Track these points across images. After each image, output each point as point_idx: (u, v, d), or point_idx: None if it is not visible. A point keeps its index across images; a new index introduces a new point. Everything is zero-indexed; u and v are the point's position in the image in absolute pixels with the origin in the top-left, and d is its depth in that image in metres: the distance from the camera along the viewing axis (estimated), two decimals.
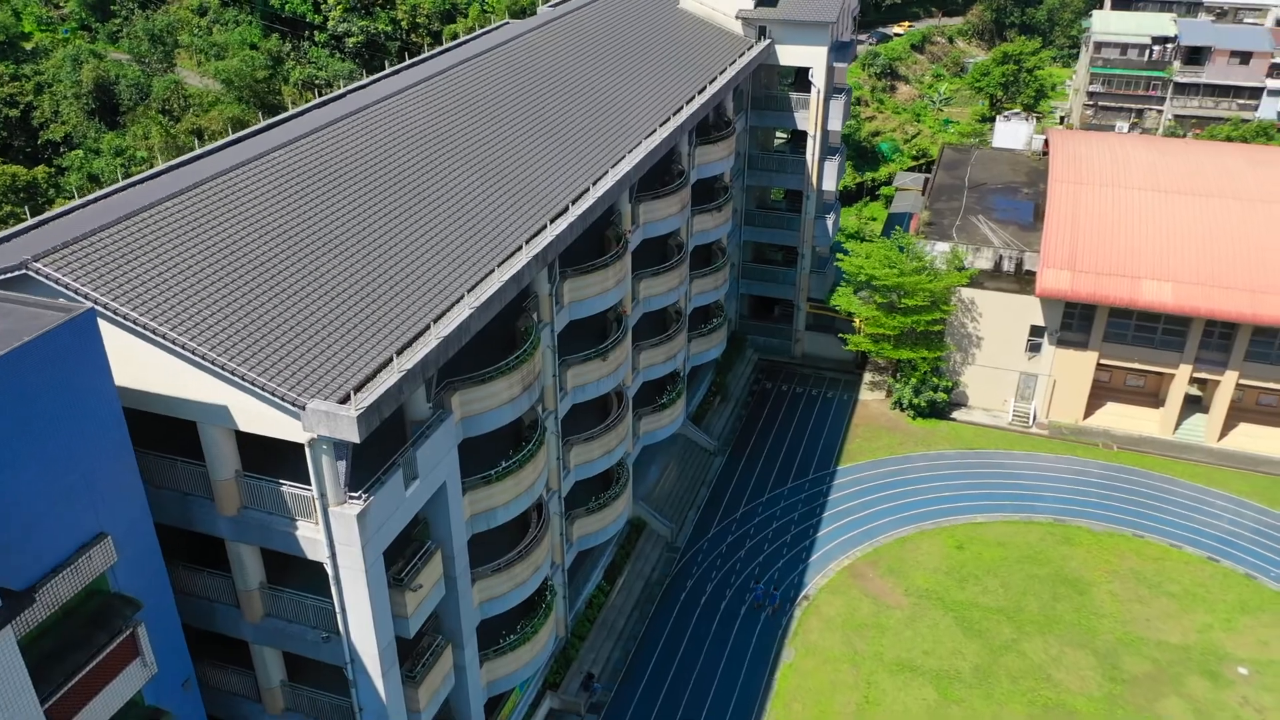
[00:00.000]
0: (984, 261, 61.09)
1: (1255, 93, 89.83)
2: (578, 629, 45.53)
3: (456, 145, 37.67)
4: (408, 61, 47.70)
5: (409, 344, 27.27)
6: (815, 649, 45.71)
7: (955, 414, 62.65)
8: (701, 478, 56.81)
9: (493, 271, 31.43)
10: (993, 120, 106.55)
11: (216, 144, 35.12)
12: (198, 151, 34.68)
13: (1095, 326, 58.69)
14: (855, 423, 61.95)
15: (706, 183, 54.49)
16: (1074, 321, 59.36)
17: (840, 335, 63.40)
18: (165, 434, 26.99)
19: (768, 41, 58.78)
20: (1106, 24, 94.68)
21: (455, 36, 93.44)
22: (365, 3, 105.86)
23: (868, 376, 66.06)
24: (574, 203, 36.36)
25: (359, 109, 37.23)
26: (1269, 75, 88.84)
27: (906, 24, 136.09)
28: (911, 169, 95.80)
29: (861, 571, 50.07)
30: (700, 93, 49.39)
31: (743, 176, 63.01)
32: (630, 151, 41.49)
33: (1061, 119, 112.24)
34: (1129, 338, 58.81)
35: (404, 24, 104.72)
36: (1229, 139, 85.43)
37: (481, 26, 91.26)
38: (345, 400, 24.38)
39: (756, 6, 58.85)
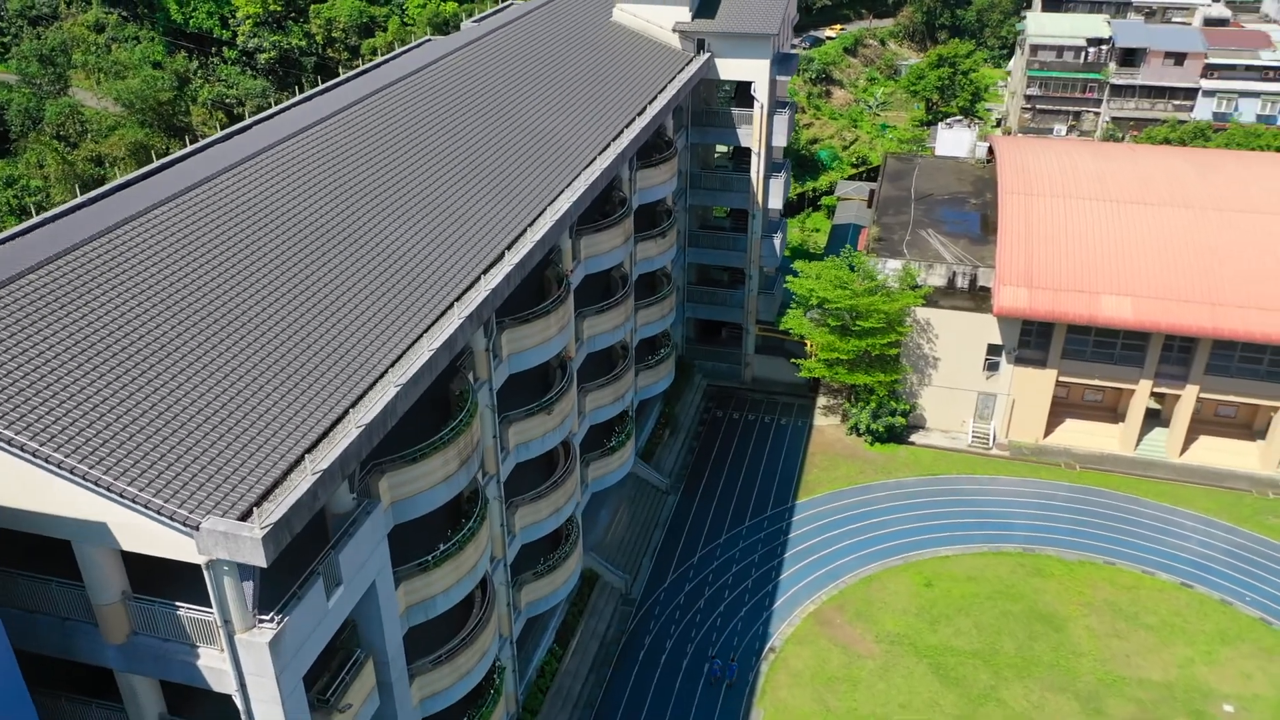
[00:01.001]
0: (937, 278, 58.87)
1: (1190, 93, 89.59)
2: (529, 701, 41.89)
3: (377, 185, 33.84)
4: (322, 86, 43.67)
5: (324, 435, 23.50)
6: (786, 709, 42.71)
7: (914, 437, 60.35)
8: (655, 519, 53.55)
9: (420, 337, 27.73)
10: (930, 124, 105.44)
11: (95, 192, 30.73)
12: (78, 200, 30.22)
13: (1054, 344, 56.82)
14: (812, 451, 59.25)
15: (649, 208, 51.25)
16: (1032, 339, 57.43)
17: (793, 360, 60.68)
18: (39, 547, 22.84)
19: (707, 55, 55.76)
20: (1041, 26, 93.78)
21: (375, 51, 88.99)
22: (277, 16, 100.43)
23: (822, 400, 63.48)
24: (509, 248, 32.82)
25: (266, 148, 33.15)
26: (1203, 76, 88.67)
27: (838, 27, 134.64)
28: (852, 177, 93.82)
29: (829, 618, 47.26)
30: (640, 114, 46.12)
31: (685, 197, 59.93)
32: (569, 186, 38.04)
33: (999, 122, 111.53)
34: (1088, 354, 57.07)
35: (319, 38, 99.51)
36: (1167, 141, 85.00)
37: (401, 41, 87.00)
38: (247, 515, 20.54)
39: (694, 19, 55.79)
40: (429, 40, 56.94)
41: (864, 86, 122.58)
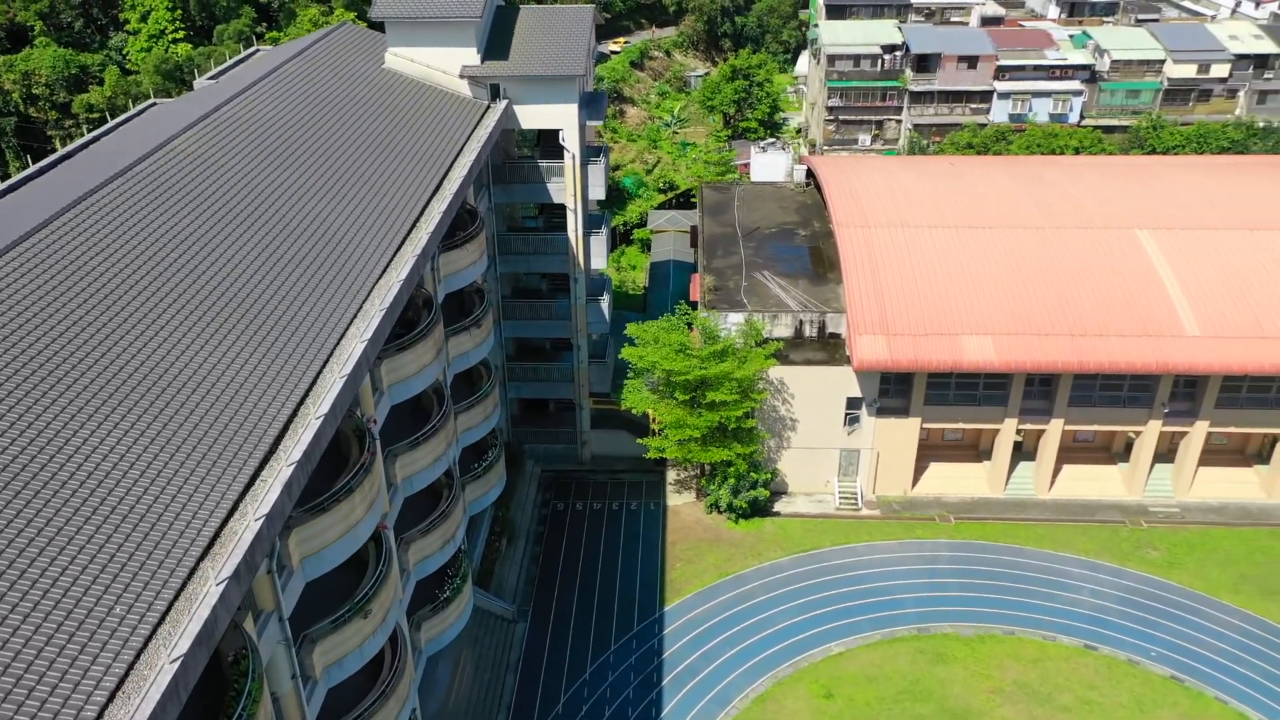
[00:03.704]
0: (783, 329, 53.24)
1: (985, 96, 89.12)
2: None
3: (78, 351, 23.70)
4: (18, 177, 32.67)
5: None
6: None
7: (778, 506, 54.56)
8: (505, 660, 44.97)
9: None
10: (731, 138, 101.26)
11: None
12: None
13: (915, 391, 52.38)
14: (671, 539, 52.30)
15: (456, 293, 42.59)
16: (891, 388, 52.79)
17: (639, 441, 53.47)
18: None
19: (504, 103, 47.50)
20: (835, 35, 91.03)
21: (90, 109, 74.60)
22: None
23: (672, 475, 56.67)
24: (287, 467, 23.12)
25: None
26: (996, 78, 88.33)
27: (622, 40, 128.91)
28: (663, 205, 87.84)
29: None
30: (435, 194, 37.40)
31: (494, 264, 51.47)
32: (359, 312, 28.92)
33: (799, 131, 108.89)
34: (951, 398, 53.00)
35: (15, 96, 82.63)
36: (970, 145, 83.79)
37: (122, 94, 73.63)
38: None
39: (484, 61, 47.39)
40: (154, 104, 45.80)
41: (656, 102, 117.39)
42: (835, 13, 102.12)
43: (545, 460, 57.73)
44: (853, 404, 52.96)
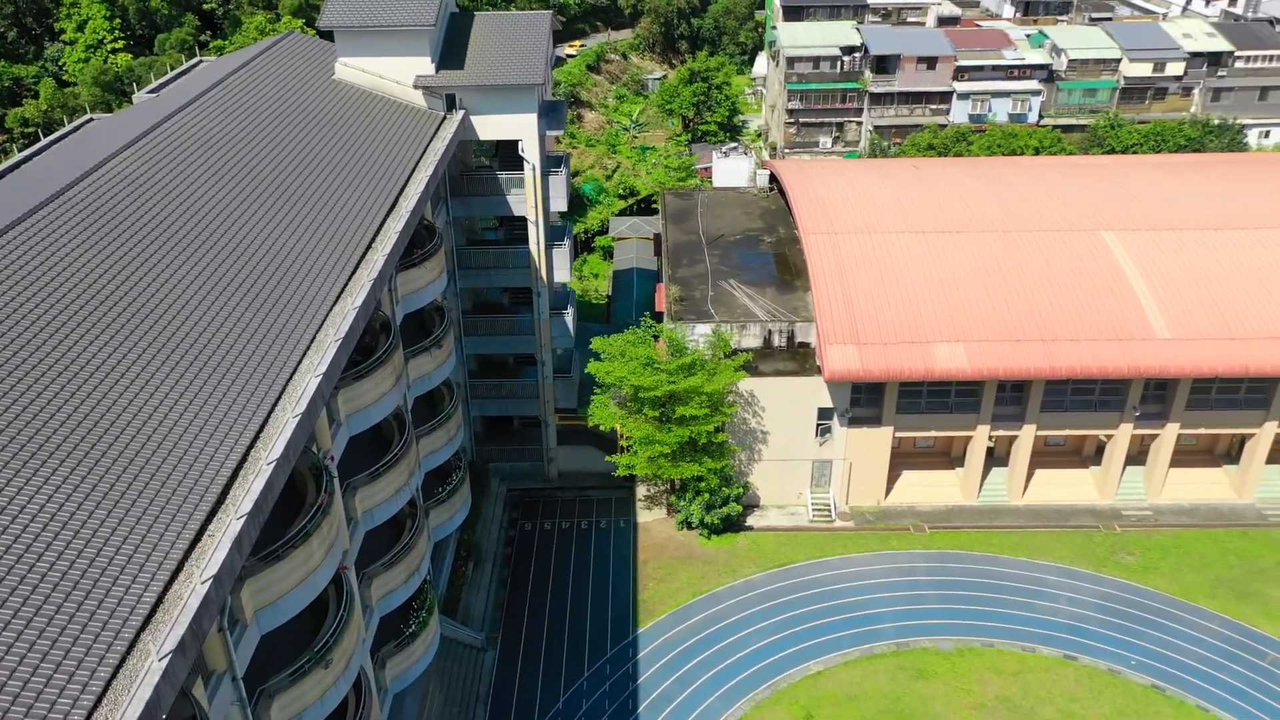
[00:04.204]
0: (752, 339, 52.24)
1: (945, 97, 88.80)
2: None
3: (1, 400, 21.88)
4: None
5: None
6: None
7: (750, 519, 53.46)
8: (474, 692, 43.38)
9: None
10: (691, 142, 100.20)
11: None
12: None
13: (887, 400, 51.54)
14: (643, 558, 50.99)
15: (416, 312, 40.95)
16: (863, 397, 51.91)
17: (608, 458, 52.06)
18: None
19: (461, 113, 45.89)
20: (794, 38, 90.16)
21: (24, 123, 71.63)
22: None
23: (642, 491, 55.36)
24: (236, 520, 21.39)
25: None
26: (955, 78, 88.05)
27: (578, 43, 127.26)
28: (624, 212, 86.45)
29: None
30: (391, 212, 35.77)
31: (454, 280, 49.84)
32: (307, 353, 27.22)
33: (760, 134, 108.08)
34: (923, 406, 52.26)
35: None
36: (931, 147, 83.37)
37: (58, 107, 70.90)
38: None
39: (440, 70, 45.76)
40: (91, 120, 43.64)
41: (614, 106, 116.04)
42: (792, 14, 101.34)
43: (511, 479, 56.19)
44: (824, 414, 52.00)
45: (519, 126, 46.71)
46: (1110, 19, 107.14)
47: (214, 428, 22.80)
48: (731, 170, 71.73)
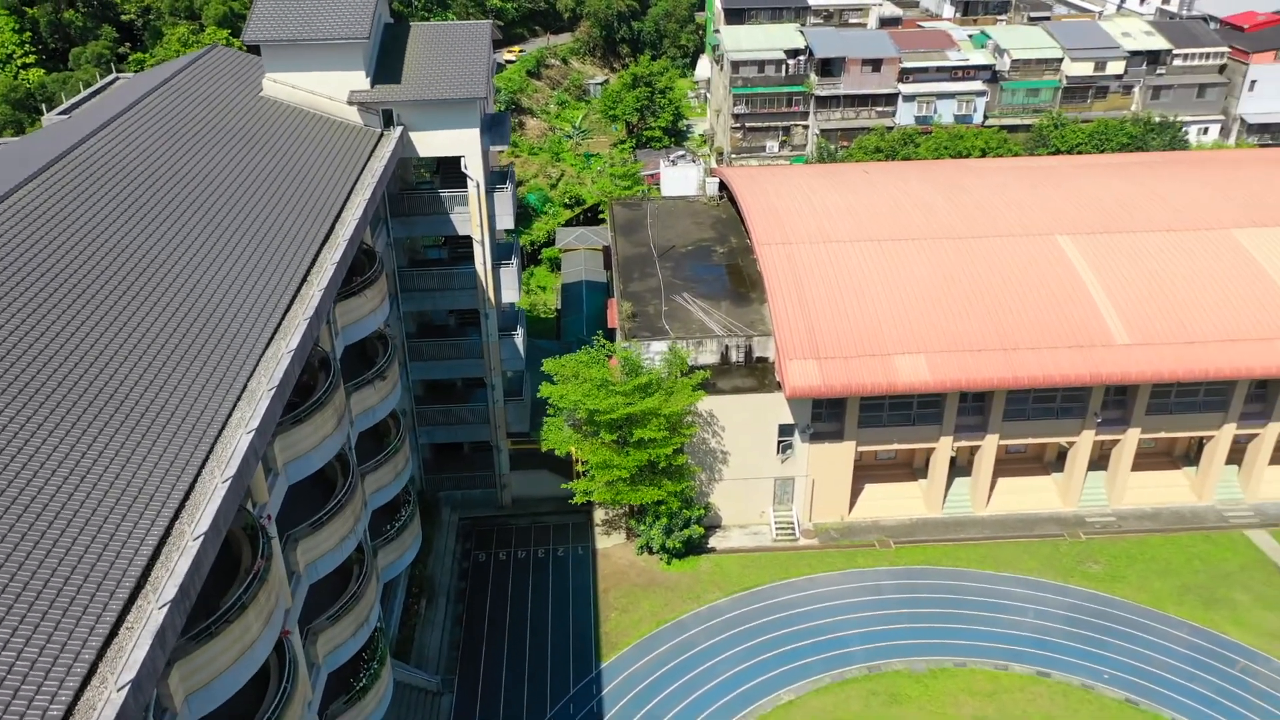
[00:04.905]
0: (709, 355, 50.71)
1: (891, 99, 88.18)
2: None
3: None
4: None
5: None
6: None
7: (713, 541, 51.93)
8: None
9: None
10: (636, 148, 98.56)
11: None
12: None
13: (848, 414, 50.34)
14: (603, 587, 49.16)
15: (356, 342, 38.63)
16: (824, 411, 50.64)
17: (564, 485, 50.07)
18: None
19: (399, 130, 43.63)
20: (737, 41, 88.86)
21: None
22: None
23: (599, 515, 53.53)
24: (159, 610, 19.07)
25: None
26: (900, 80, 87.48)
27: (517, 49, 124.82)
28: (570, 222, 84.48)
29: None
30: (327, 240, 33.47)
31: (397, 304, 47.54)
32: (237, 405, 24.92)
33: (705, 140, 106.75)
34: (885, 419, 51.17)
35: None
36: (878, 150, 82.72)
37: None
38: None
39: (375, 85, 43.44)
40: (3, 144, 40.59)
41: (556, 112, 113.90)
42: (734, 16, 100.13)
43: (463, 507, 53.99)
44: (785, 431, 50.65)
45: (461, 142, 44.59)
46: (1048, 18, 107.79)
47: (133, 499, 20.48)
48: (680, 179, 70.15)
